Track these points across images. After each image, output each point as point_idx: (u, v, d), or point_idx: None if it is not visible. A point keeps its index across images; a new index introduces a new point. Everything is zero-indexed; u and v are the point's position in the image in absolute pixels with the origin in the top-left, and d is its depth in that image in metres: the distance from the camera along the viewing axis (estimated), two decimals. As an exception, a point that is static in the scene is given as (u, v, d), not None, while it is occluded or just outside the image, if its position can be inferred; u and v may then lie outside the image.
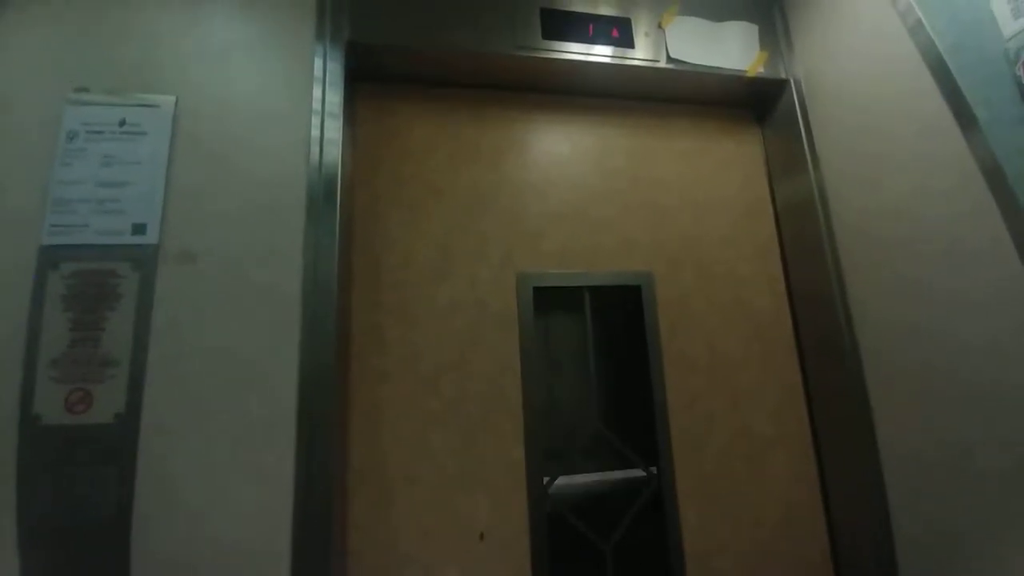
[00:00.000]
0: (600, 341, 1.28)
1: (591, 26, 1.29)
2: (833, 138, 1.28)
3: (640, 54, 1.30)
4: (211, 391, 0.94)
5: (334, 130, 1.09)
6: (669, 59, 1.31)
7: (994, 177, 0.93)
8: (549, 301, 1.26)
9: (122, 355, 0.95)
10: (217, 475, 0.92)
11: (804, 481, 1.28)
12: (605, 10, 1.32)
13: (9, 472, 0.87)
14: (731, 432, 1.26)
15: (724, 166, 1.44)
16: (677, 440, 1.23)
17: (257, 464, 0.93)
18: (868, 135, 1.18)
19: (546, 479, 1.16)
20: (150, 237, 0.99)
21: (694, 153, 1.43)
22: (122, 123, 1.05)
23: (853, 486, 1.20)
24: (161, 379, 0.94)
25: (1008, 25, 0.94)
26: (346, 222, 1.12)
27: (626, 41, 1.30)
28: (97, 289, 0.96)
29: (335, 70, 1.13)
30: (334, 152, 1.08)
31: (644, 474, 1.22)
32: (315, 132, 1.08)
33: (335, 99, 1.11)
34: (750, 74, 1.34)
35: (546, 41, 1.25)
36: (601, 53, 1.28)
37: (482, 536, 1.10)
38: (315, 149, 1.07)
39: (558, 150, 1.35)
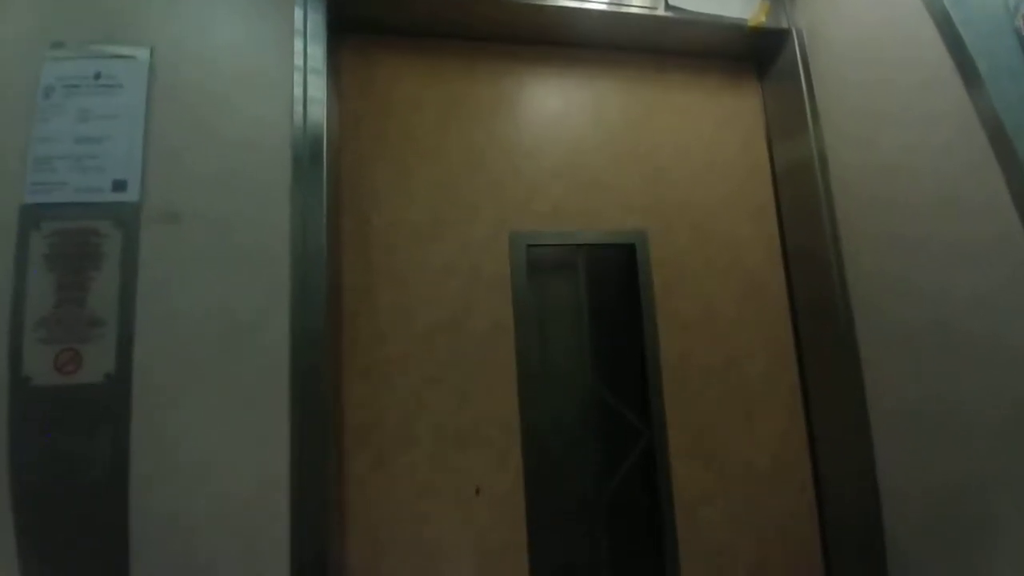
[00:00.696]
0: (594, 300, 1.27)
1: (586, -28, 1.23)
2: (834, 93, 1.25)
3: (638, 0, 1.25)
4: (202, 351, 0.94)
5: (318, 88, 1.05)
6: (668, 6, 1.25)
7: (995, 130, 0.91)
8: (542, 260, 1.25)
9: (109, 315, 0.93)
10: (213, 435, 0.92)
11: (792, 436, 1.30)
12: (601, -45, 1.26)
13: (1, 434, 0.87)
14: (723, 388, 1.28)
15: (723, 123, 1.40)
16: (669, 396, 1.24)
17: (253, 424, 0.93)
18: (869, 89, 1.15)
19: (540, 435, 1.18)
20: (131, 195, 0.97)
21: (692, 108, 1.39)
22: (97, 76, 1.00)
23: (840, 440, 1.23)
24: (150, 339, 0.93)
25: (1011, -24, 0.91)
26: (333, 183, 1.09)
27: (623, -12, 1.25)
28: (79, 248, 0.94)
29: (317, 21, 1.08)
30: (318, 112, 1.04)
31: (637, 429, 1.24)
32: (298, 91, 1.04)
33: (317, 53, 1.06)
34: (752, 24, 1.30)
35: (538, -12, 1.20)
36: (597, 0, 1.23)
37: (478, 491, 1.12)
38: (299, 109, 1.03)
39: (551, 105, 1.32)
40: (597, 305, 1.28)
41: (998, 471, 0.94)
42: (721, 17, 1.28)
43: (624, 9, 1.24)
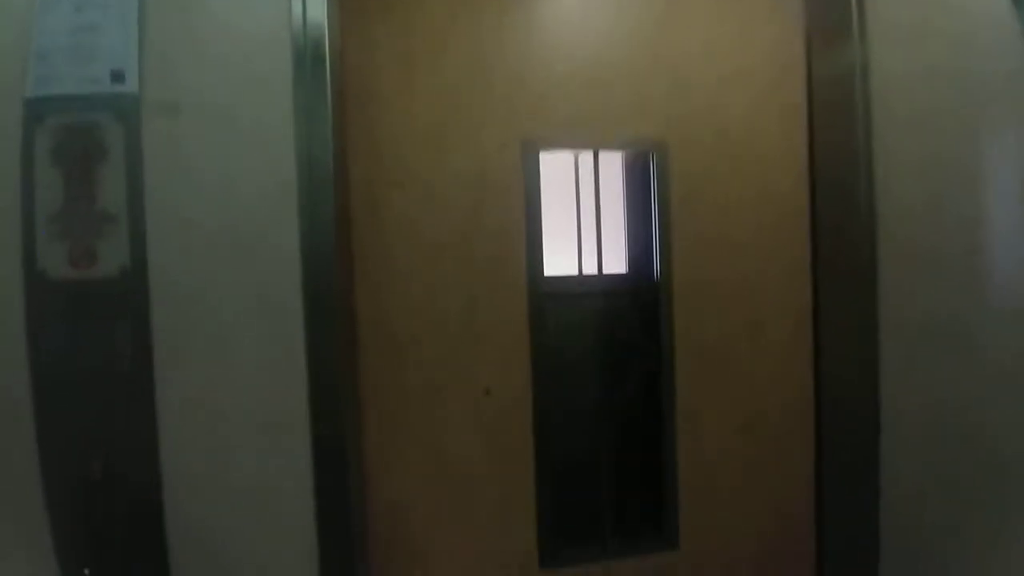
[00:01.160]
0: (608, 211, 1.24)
1: None
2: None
3: None
4: (214, 245, 0.95)
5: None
6: None
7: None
8: (555, 168, 1.21)
9: (119, 209, 0.94)
10: (231, 325, 0.95)
11: (799, 352, 1.29)
12: None
13: (18, 328, 0.90)
14: (734, 305, 1.26)
15: (755, 23, 1.27)
16: (679, 310, 1.23)
17: (268, 316, 0.95)
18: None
19: (549, 343, 1.19)
20: (129, 85, 0.94)
21: (722, 5, 1.27)
22: (87, -36, 0.95)
23: (846, 355, 1.21)
24: (163, 233, 0.94)
25: None
26: (337, 82, 1.04)
27: None
28: (83, 142, 0.93)
29: None
30: (318, 7, 0.98)
31: (645, 342, 1.25)
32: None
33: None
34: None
35: None
36: None
37: (488, 391, 1.15)
38: (296, 6, 0.97)
39: (566, 2, 1.22)
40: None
41: (1004, 395, 0.93)
42: None
43: None
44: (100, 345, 0.93)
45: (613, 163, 1.28)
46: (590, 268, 1.26)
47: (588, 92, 1.21)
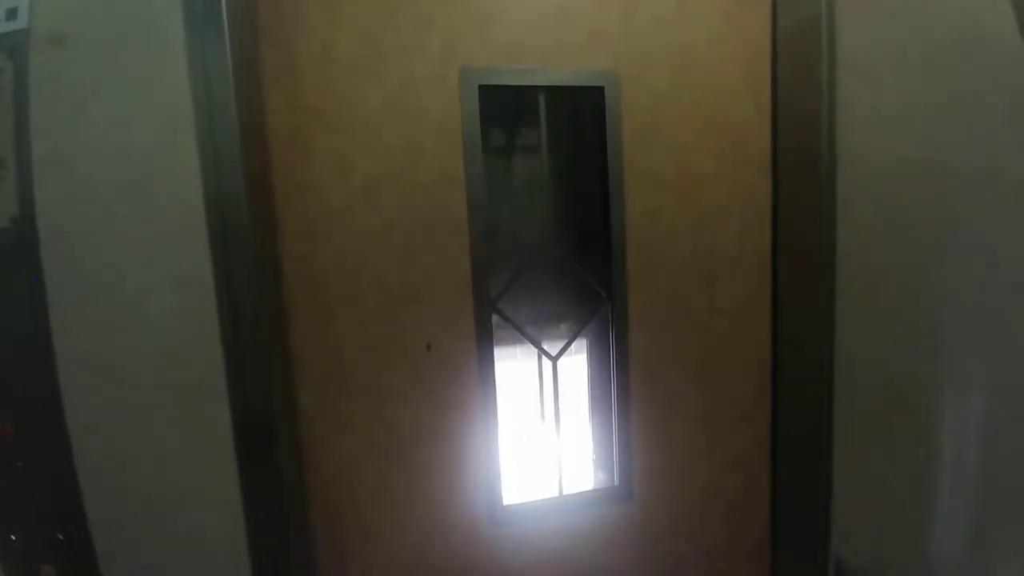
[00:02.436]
0: (556, 149, 1.16)
1: None
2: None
3: None
4: (107, 190, 0.86)
5: None
6: None
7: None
8: (498, 103, 1.11)
9: (6, 154, 0.85)
10: (132, 279, 0.87)
11: (757, 299, 1.26)
12: None
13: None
14: (691, 250, 1.21)
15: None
16: (633, 258, 1.18)
17: (173, 267, 0.88)
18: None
19: (494, 293, 1.14)
20: (21, 21, 0.85)
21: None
22: None
23: (804, 305, 1.19)
24: (51, 178, 0.85)
25: None
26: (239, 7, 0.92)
27: None
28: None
29: None
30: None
31: (597, 293, 1.19)
32: None
33: None
34: None
35: None
36: None
37: (429, 347, 1.10)
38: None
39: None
40: (560, 155, 1.16)
41: (956, 345, 0.91)
42: None
43: None
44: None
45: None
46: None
47: (534, 17, 1.09)
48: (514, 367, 1.21)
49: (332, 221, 1.04)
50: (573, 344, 1.21)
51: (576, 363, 1.27)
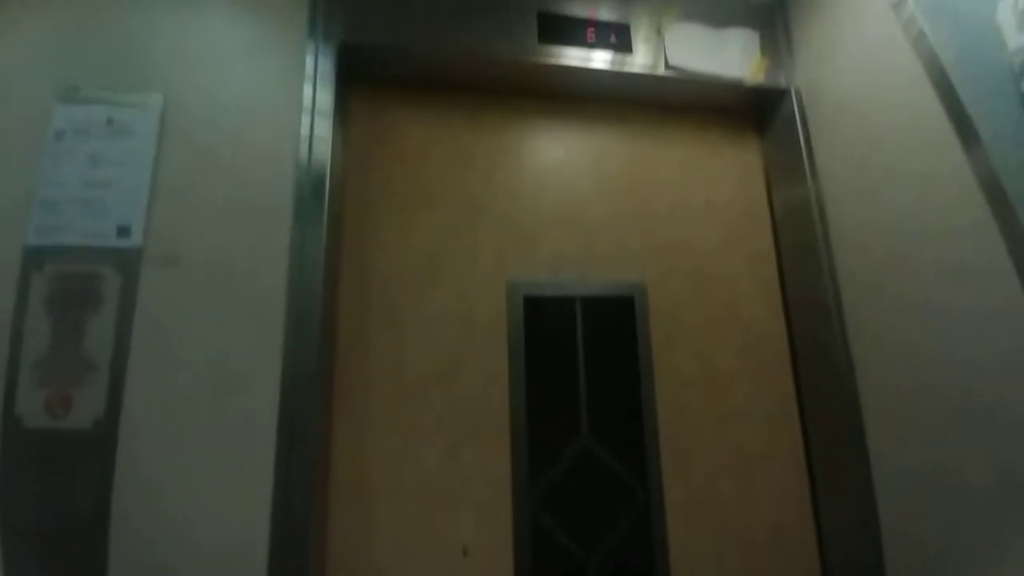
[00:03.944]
0: (591, 353, 1.25)
1: (589, 31, 1.27)
2: (833, 149, 1.26)
3: (638, 60, 1.28)
4: (191, 398, 0.93)
5: (324, 128, 1.08)
6: (667, 66, 1.28)
7: (994, 194, 0.91)
8: (540, 311, 1.24)
9: (103, 359, 0.94)
10: (196, 482, 0.91)
11: (794, 498, 1.25)
12: (604, 15, 1.29)
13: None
14: (722, 447, 1.24)
15: (721, 174, 1.41)
16: (667, 455, 1.21)
17: (237, 472, 0.92)
18: (868, 147, 1.16)
19: (532, 493, 1.14)
20: (134, 240, 0.98)
21: (691, 161, 1.41)
22: (109, 122, 1.03)
23: (844, 504, 1.18)
24: (141, 384, 0.93)
25: (1013, 38, 0.92)
26: (334, 222, 1.11)
27: (624, 47, 1.28)
28: (80, 291, 0.95)
29: (327, 69, 1.11)
30: (323, 150, 1.07)
31: (632, 488, 1.20)
32: (304, 130, 1.07)
33: (326, 98, 1.10)
34: (750, 81, 1.32)
35: (543, 45, 1.23)
36: (599, 59, 1.26)
37: (466, 552, 1.08)
38: (304, 147, 1.06)
39: (553, 155, 1.34)
40: (594, 359, 1.25)
41: (996, 538, 0.90)
42: (719, 76, 1.31)
43: (626, 69, 1.27)
44: (64, 495, 0.89)
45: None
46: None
47: (571, 238, 1.28)
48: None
49: (384, 416, 1.11)
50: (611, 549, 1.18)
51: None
